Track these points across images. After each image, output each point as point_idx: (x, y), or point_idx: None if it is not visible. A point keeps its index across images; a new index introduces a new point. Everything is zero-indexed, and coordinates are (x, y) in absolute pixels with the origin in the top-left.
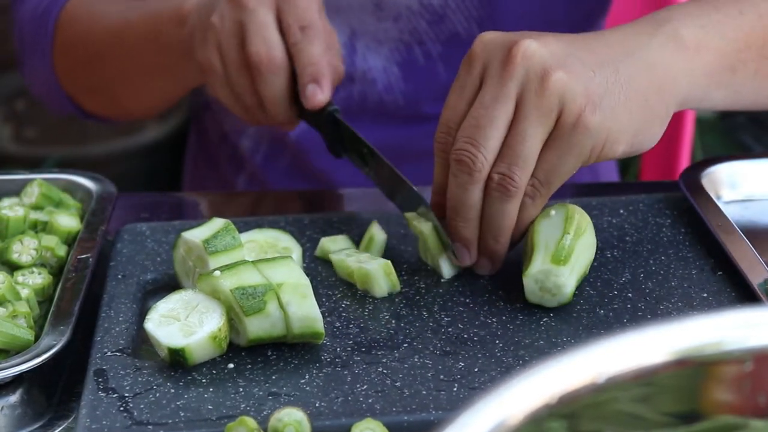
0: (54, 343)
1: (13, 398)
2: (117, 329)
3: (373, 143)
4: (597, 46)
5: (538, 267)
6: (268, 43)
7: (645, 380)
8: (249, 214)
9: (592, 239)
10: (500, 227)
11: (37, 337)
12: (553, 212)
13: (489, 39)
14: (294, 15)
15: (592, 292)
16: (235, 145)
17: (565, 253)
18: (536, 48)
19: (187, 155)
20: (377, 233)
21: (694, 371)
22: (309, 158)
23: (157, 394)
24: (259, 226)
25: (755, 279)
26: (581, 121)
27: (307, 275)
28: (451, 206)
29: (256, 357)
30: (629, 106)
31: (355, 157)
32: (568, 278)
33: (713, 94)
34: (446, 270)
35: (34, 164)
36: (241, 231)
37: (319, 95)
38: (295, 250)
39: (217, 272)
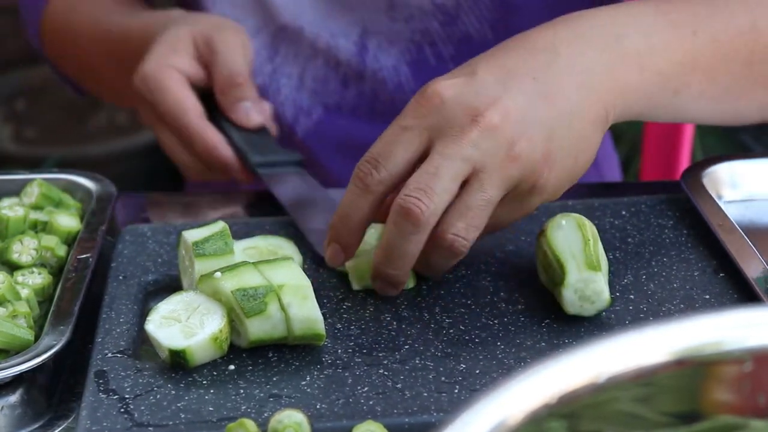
0: (54, 343)
1: (13, 398)
2: (118, 330)
3: None
4: (558, 75)
5: (575, 276)
6: (199, 128)
7: (645, 380)
8: (251, 215)
9: (602, 246)
10: (439, 272)
11: (37, 337)
12: (563, 222)
13: (450, 96)
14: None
15: None
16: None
17: (595, 258)
18: (499, 120)
19: None
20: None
21: (694, 371)
22: (318, 154)
23: (158, 396)
24: (262, 227)
25: (756, 280)
26: (537, 185)
27: (308, 277)
28: (384, 253)
29: (257, 359)
30: (576, 154)
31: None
32: (604, 284)
33: (652, 112)
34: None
35: (34, 164)
36: (242, 232)
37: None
38: (296, 259)
39: (218, 273)
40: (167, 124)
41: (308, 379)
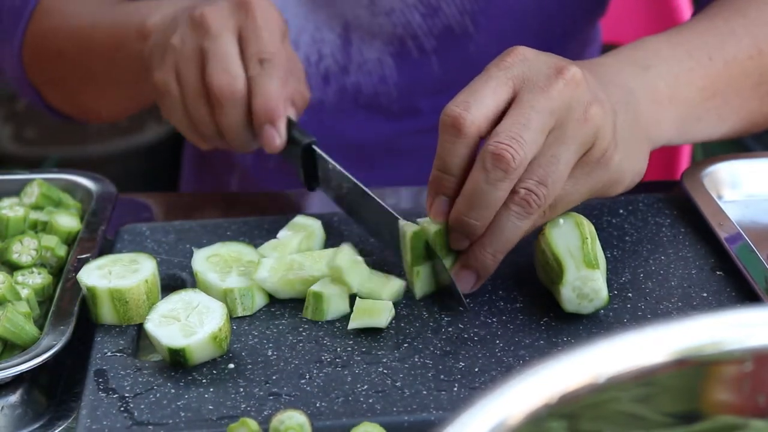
0: (54, 343)
1: (13, 398)
2: (117, 329)
3: (365, 138)
4: (607, 84)
5: (574, 274)
6: (229, 75)
7: (645, 380)
8: (250, 215)
9: (600, 245)
10: (505, 243)
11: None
12: (561, 221)
13: (531, 54)
14: (256, 45)
15: None
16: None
17: (593, 256)
18: (581, 77)
19: (184, 156)
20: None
21: (694, 371)
22: None
23: (158, 395)
24: (261, 226)
25: (756, 278)
26: (606, 156)
27: None
28: (467, 200)
29: (257, 357)
30: (636, 148)
31: (331, 192)
32: (602, 282)
33: (679, 139)
34: (419, 289)
35: (34, 164)
36: (241, 232)
37: (276, 139)
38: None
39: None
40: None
41: (308, 377)
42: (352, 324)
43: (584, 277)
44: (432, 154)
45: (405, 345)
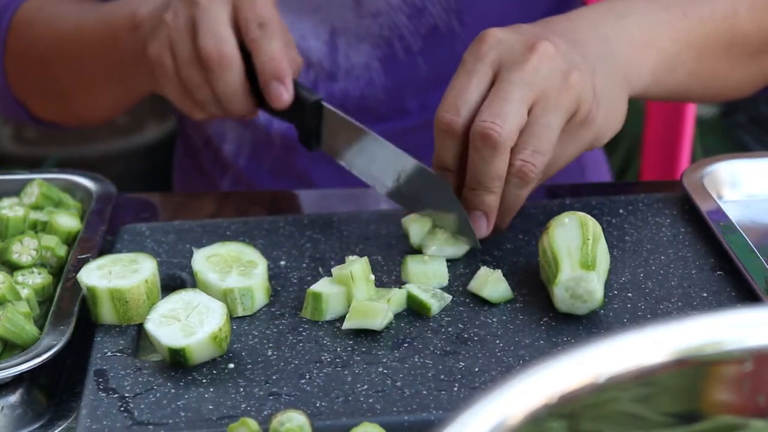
0: (54, 343)
1: (13, 398)
2: (117, 329)
3: None
4: (583, 42)
5: (567, 274)
6: (218, 39)
7: (645, 380)
8: (249, 214)
9: (605, 246)
10: (510, 209)
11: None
12: (566, 220)
13: (503, 35)
14: (252, 11)
15: None
16: (217, 149)
17: (590, 258)
18: (554, 51)
19: (175, 158)
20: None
21: (694, 371)
22: (294, 158)
23: (158, 395)
24: (260, 226)
25: (756, 278)
26: (590, 117)
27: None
28: (473, 180)
29: (257, 357)
30: (616, 98)
31: (337, 148)
32: (597, 283)
33: (655, 89)
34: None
35: (34, 164)
36: (241, 232)
37: (284, 94)
38: (260, 264)
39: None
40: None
41: (308, 377)
42: (347, 324)
43: (578, 278)
44: (420, 151)
45: (405, 345)
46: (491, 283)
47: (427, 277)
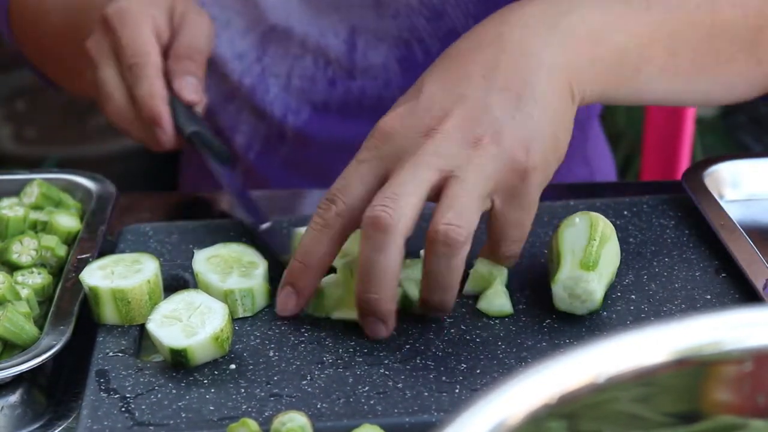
0: (54, 343)
1: (13, 398)
2: (119, 330)
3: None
4: (504, 80)
5: (566, 273)
6: (114, 103)
7: (645, 380)
8: None
9: (617, 247)
10: (449, 284)
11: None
12: (577, 220)
13: (399, 125)
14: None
15: None
16: (228, 142)
17: (592, 258)
18: (452, 128)
19: (183, 156)
20: None
21: (694, 371)
22: (307, 152)
23: (159, 395)
24: (269, 227)
25: (757, 279)
26: (526, 170)
27: None
28: (363, 278)
29: (258, 358)
30: (554, 129)
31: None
32: (597, 284)
33: (617, 92)
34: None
35: (34, 164)
36: (240, 231)
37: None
38: (261, 265)
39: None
40: (120, 59)
41: (309, 378)
42: (337, 314)
43: (577, 278)
44: None
45: (407, 346)
46: (488, 297)
47: None
